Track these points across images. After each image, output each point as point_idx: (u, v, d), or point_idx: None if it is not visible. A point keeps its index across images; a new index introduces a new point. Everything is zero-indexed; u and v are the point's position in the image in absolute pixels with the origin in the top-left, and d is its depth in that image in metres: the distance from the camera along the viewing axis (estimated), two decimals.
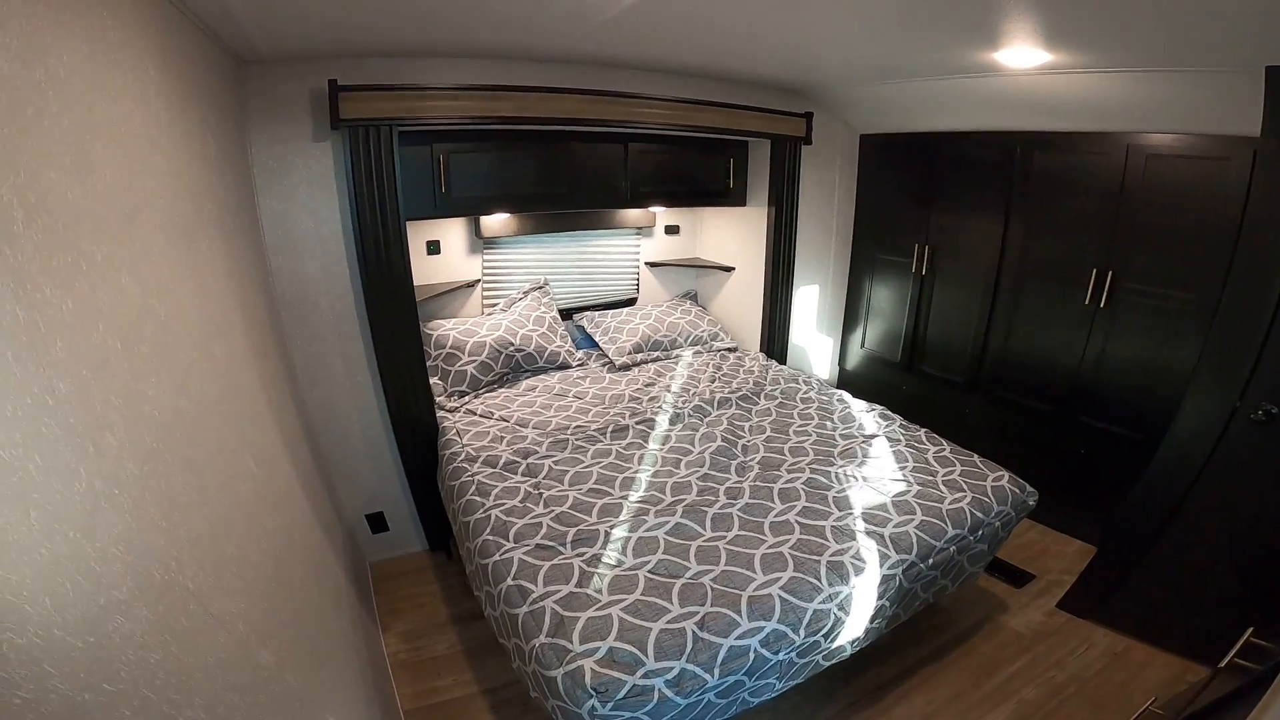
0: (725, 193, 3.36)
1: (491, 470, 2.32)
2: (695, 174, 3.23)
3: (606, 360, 3.29)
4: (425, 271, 3.06)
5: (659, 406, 2.79)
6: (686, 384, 3.05)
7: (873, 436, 2.57)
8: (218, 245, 1.63)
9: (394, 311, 2.41)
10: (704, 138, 3.08)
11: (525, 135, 2.66)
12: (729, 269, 3.67)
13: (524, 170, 2.73)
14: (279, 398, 2.01)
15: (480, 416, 2.73)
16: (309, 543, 1.87)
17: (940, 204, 3.27)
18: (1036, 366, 3.04)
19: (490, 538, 1.99)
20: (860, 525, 2.00)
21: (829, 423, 2.71)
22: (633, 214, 3.49)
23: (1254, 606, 2.08)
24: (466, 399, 2.87)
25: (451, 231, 3.09)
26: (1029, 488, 2.28)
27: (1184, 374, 2.48)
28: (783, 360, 3.58)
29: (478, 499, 2.17)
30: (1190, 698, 1.43)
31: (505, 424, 2.64)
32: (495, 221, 3.07)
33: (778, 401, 2.91)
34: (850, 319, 3.96)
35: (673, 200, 3.28)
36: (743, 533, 1.97)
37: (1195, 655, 2.28)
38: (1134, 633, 2.43)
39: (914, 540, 1.96)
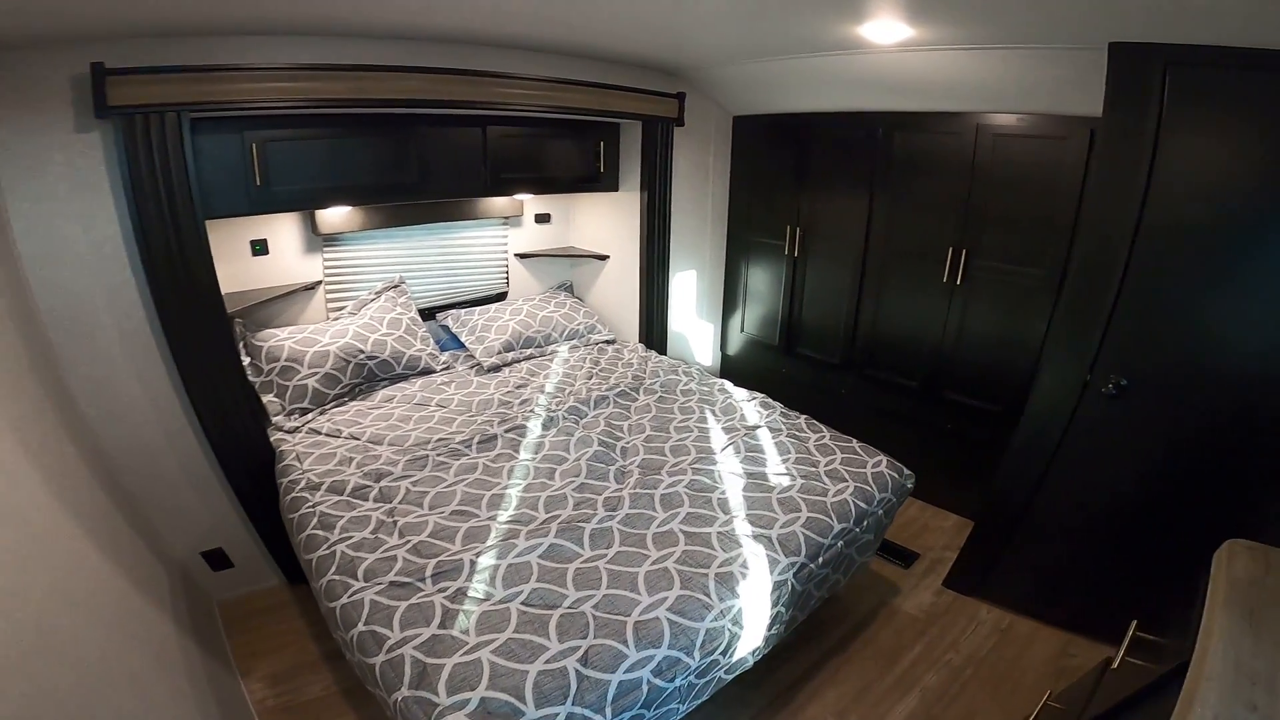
0: (596, 178, 3.22)
1: (337, 498, 2.06)
2: (563, 159, 3.06)
3: (474, 362, 3.06)
4: (250, 275, 2.70)
5: (531, 410, 2.61)
6: (561, 383, 2.90)
7: (755, 428, 2.53)
8: None
9: (198, 325, 2.07)
10: (571, 120, 2.91)
11: (365, 120, 2.38)
12: (604, 257, 3.54)
13: (364, 159, 2.44)
14: (43, 440, 1.65)
15: (326, 436, 2.43)
16: (103, 601, 1.58)
17: (810, 185, 3.30)
18: (903, 345, 3.14)
19: (337, 577, 1.75)
20: (746, 529, 1.95)
21: (710, 416, 2.65)
22: (498, 203, 3.26)
23: (1120, 580, 2.25)
24: (309, 417, 2.55)
25: (281, 229, 2.73)
26: (906, 470, 2.33)
27: (1036, 347, 2.65)
28: (663, 350, 3.50)
29: (320, 533, 1.91)
30: (1086, 695, 1.47)
31: (355, 443, 2.37)
32: (335, 216, 2.75)
33: (657, 396, 2.82)
34: (729, 303, 3.96)
35: (540, 187, 3.09)
36: (624, 549, 1.85)
37: (1075, 628, 2.43)
38: (1015, 608, 2.56)
39: (801, 540, 1.93)
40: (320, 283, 2.89)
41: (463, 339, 3.13)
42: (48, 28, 1.68)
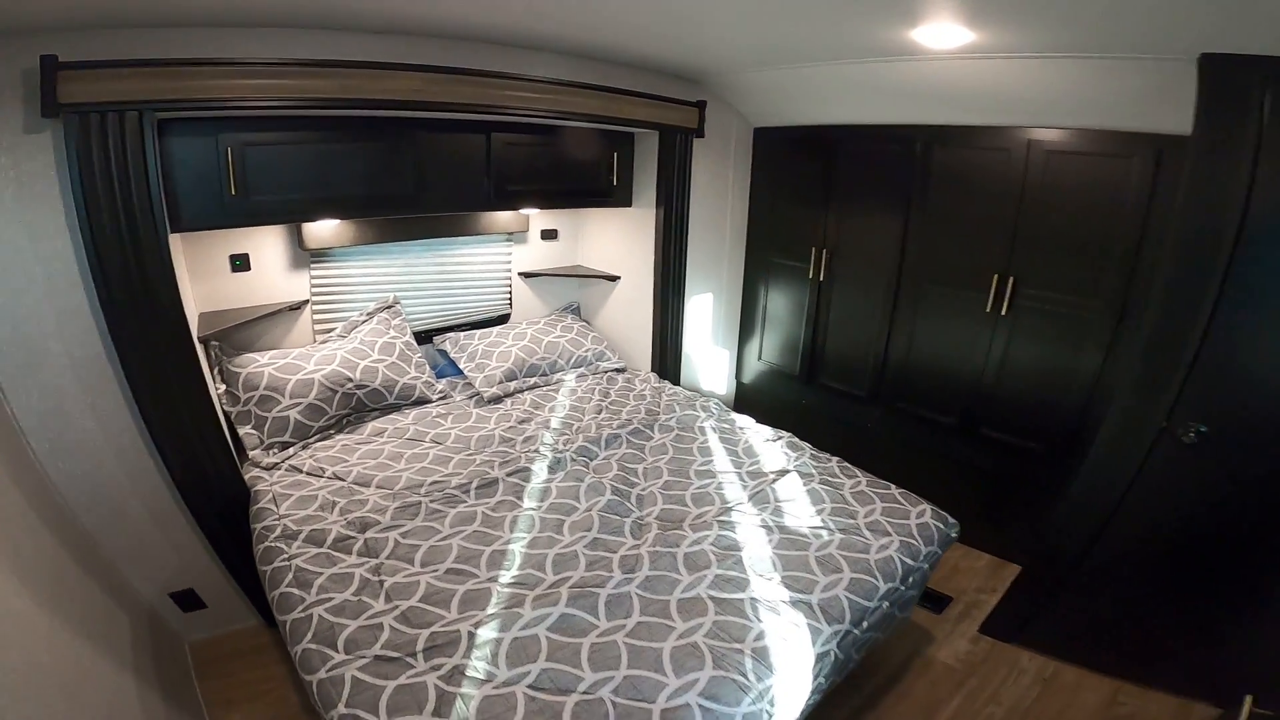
0: (608, 192, 3.00)
1: (316, 550, 1.82)
2: (574, 170, 2.85)
3: (474, 392, 2.83)
4: (229, 293, 2.48)
5: (536, 450, 2.37)
6: (569, 417, 2.66)
7: (783, 473, 2.30)
8: None
9: (159, 353, 1.84)
10: (583, 128, 2.69)
11: (356, 124, 2.18)
12: (614, 278, 3.32)
13: (355, 167, 2.23)
14: None
15: (307, 475, 2.19)
16: (44, 662, 1.40)
17: (838, 204, 3.09)
18: (939, 378, 2.92)
19: (314, 646, 1.52)
20: (783, 593, 1.72)
21: (733, 458, 2.42)
22: (502, 218, 3.05)
23: (1180, 627, 2.08)
24: (290, 452, 2.31)
25: (263, 243, 2.51)
26: (950, 519, 2.12)
27: (1088, 384, 2.45)
28: (676, 379, 3.28)
29: (295, 592, 1.67)
30: None
31: (339, 484, 2.13)
32: (323, 230, 2.53)
33: (674, 434, 2.58)
34: (746, 329, 3.74)
35: (547, 201, 2.88)
36: (646, 619, 1.62)
37: (1125, 675, 2.22)
38: (1060, 654, 2.34)
39: (845, 605, 1.71)
40: (307, 302, 2.66)
41: (461, 366, 2.90)
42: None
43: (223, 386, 2.35)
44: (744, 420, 2.72)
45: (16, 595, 1.43)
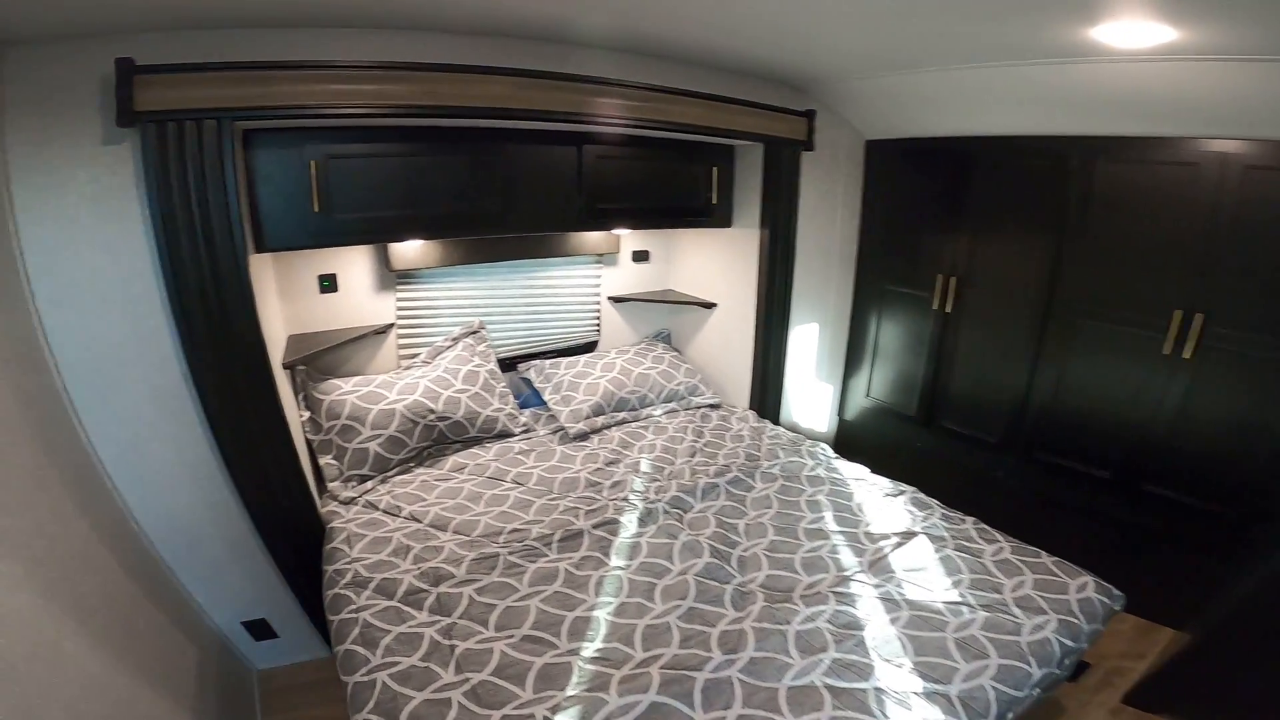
0: (707, 211, 2.78)
1: (386, 604, 1.68)
2: (670, 187, 2.65)
3: (558, 426, 2.66)
4: (317, 315, 2.44)
5: (625, 498, 2.16)
6: (660, 459, 2.44)
7: (909, 535, 1.99)
8: None
9: (234, 382, 1.76)
10: (682, 139, 2.49)
11: (440, 135, 2.06)
12: (709, 305, 3.09)
13: (439, 182, 2.11)
14: (38, 525, 1.36)
15: (384, 514, 2.08)
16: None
17: (971, 226, 2.75)
18: (1093, 425, 2.51)
19: (373, 718, 1.35)
20: (915, 683, 1.44)
21: (848, 515, 2.12)
22: (593, 238, 2.89)
23: None
24: (369, 485, 2.21)
25: (352, 263, 2.45)
26: (1116, 592, 1.77)
27: None
28: (776, 418, 2.99)
29: (360, 651, 1.53)
30: None
31: (415, 526, 2.00)
32: (409, 250, 2.44)
33: (778, 484, 2.31)
34: (853, 362, 3.41)
35: (641, 220, 2.69)
36: (750, 711, 1.38)
37: None
38: None
39: (991, 698, 1.41)
40: (392, 326, 2.58)
41: (546, 397, 2.75)
42: (68, 18, 1.43)
43: (306, 414, 2.29)
44: (857, 470, 2.41)
45: (73, 639, 1.37)
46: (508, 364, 2.90)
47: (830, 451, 2.56)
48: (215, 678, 2.01)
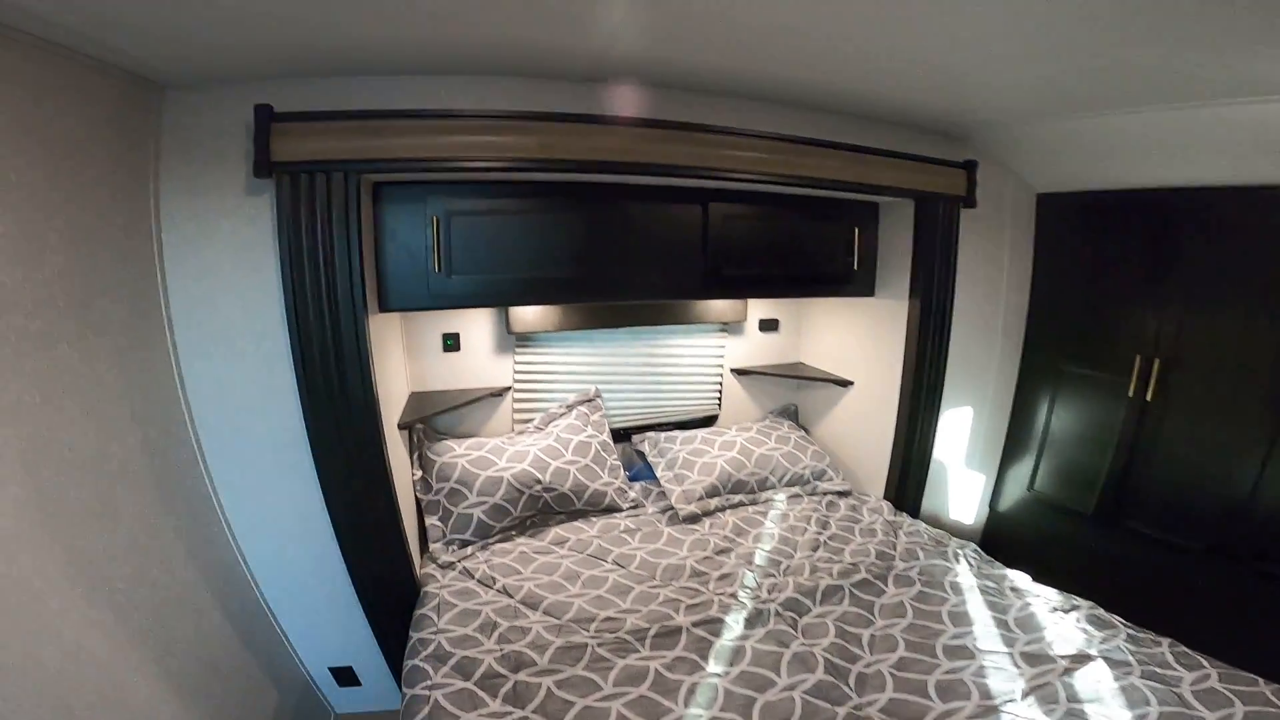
0: (847, 278, 2.55)
1: (461, 685, 1.57)
2: (805, 250, 2.45)
3: (668, 505, 2.49)
4: (438, 373, 2.51)
5: (733, 593, 1.93)
6: (777, 552, 2.18)
7: (1082, 658, 1.58)
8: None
9: (345, 440, 1.78)
10: (819, 196, 2.31)
11: (556, 190, 2.03)
12: (845, 383, 2.82)
13: (555, 242, 2.05)
14: (139, 571, 1.42)
15: (478, 583, 2.01)
16: None
17: (1180, 297, 2.29)
18: None
19: None
20: None
21: (1003, 632, 1.73)
22: (718, 304, 2.78)
23: None
24: (468, 551, 2.17)
25: (474, 322, 2.51)
26: None
27: None
28: (916, 510, 2.62)
29: None
30: None
31: (506, 602, 1.90)
32: (529, 313, 2.46)
33: (915, 590, 1.96)
34: (1014, 450, 2.94)
35: (772, 289, 2.52)
36: None
37: None
38: None
39: None
40: (509, 389, 2.59)
41: (659, 474, 2.60)
42: (219, 63, 1.55)
43: (419, 473, 2.31)
44: (1018, 578, 2.00)
45: (150, 680, 1.39)
46: (622, 434, 2.81)
47: (982, 554, 2.16)
48: (293, 714, 2.09)
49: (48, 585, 1.23)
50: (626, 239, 2.14)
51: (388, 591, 1.99)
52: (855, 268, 2.53)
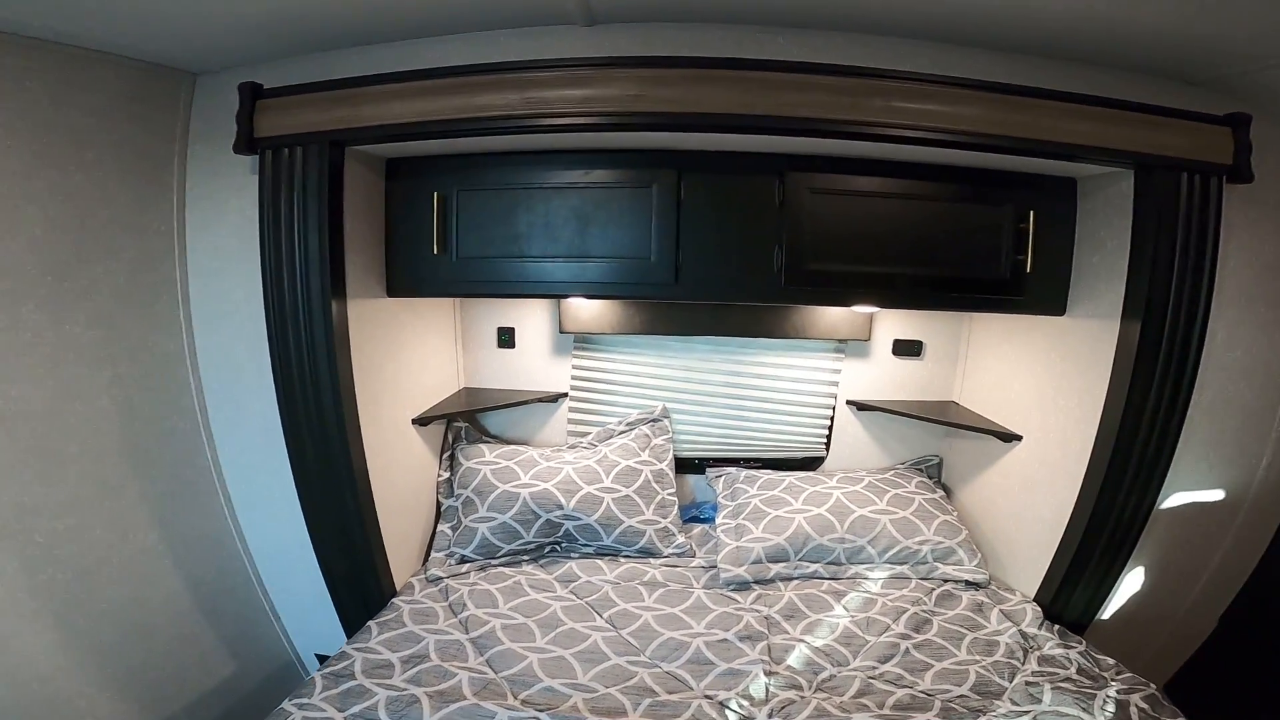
0: (1014, 284, 1.80)
1: (330, 715, 1.34)
2: (945, 241, 1.77)
3: (712, 566, 2.00)
4: (491, 371, 2.38)
5: (722, 702, 1.42)
6: (825, 653, 1.59)
7: None
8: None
9: (313, 431, 1.68)
10: (964, 166, 1.70)
11: (560, 161, 1.72)
12: (1010, 437, 2.03)
13: (568, 222, 1.72)
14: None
15: (447, 607, 1.79)
16: None
17: None
18: None
19: None
20: None
21: None
22: (830, 317, 2.21)
23: None
24: (464, 570, 1.97)
25: (530, 315, 2.30)
26: None
27: None
28: (1084, 626, 1.78)
29: None
30: None
31: (457, 636, 1.64)
32: (582, 311, 2.19)
33: None
34: None
35: (887, 293, 1.83)
36: None
37: None
38: None
39: None
40: (565, 396, 2.34)
41: (718, 520, 2.12)
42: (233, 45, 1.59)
43: (445, 474, 2.18)
44: None
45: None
46: (695, 464, 2.37)
47: (1161, 703, 1.33)
48: (265, 692, 2.07)
49: None
50: (666, 218, 1.70)
51: (357, 593, 1.86)
52: (1029, 270, 1.79)
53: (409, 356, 2.03)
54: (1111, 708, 1.34)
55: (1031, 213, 1.77)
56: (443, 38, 1.66)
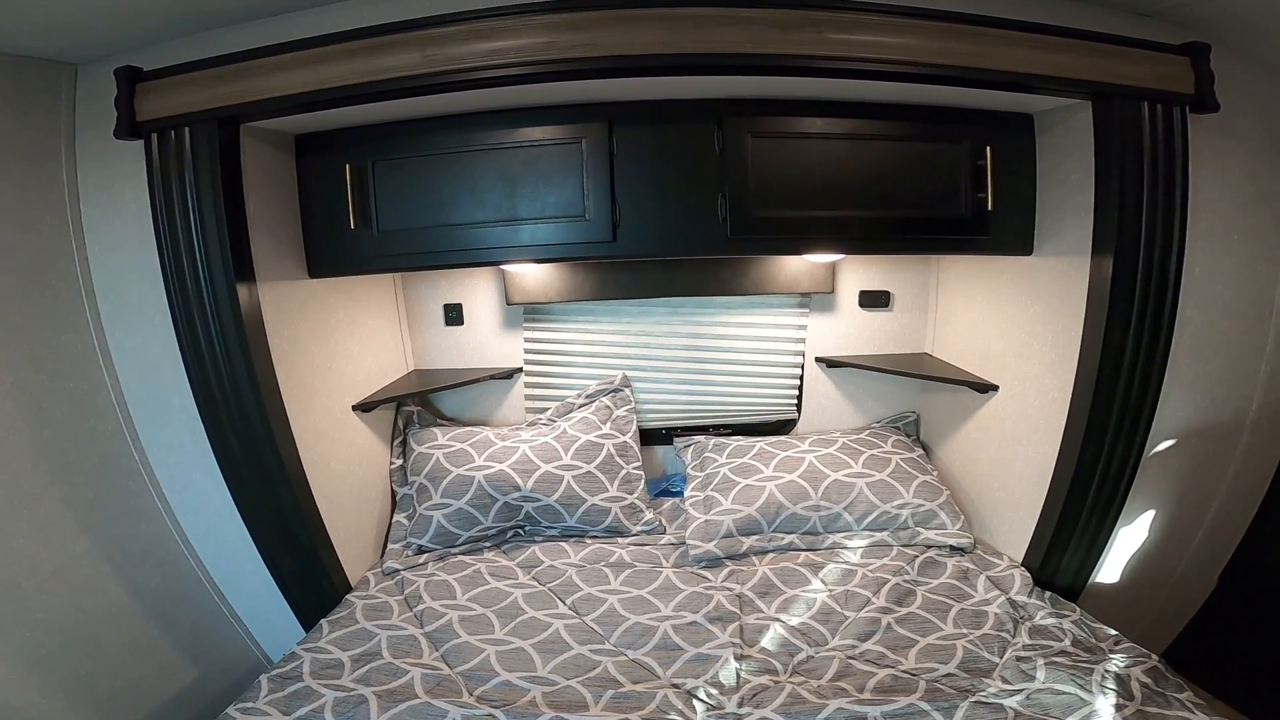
0: (976, 225, 1.76)
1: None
2: (896, 180, 1.71)
3: (682, 543, 1.98)
4: (440, 350, 2.33)
5: (690, 691, 1.40)
6: (801, 632, 1.57)
7: None
8: None
9: (234, 428, 1.64)
10: (913, 104, 1.65)
11: (472, 124, 1.66)
12: (985, 387, 2.00)
13: (493, 184, 1.66)
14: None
15: (403, 601, 1.77)
16: None
17: None
18: None
19: None
20: None
21: None
22: (790, 269, 2.15)
23: None
24: (421, 561, 1.94)
25: (477, 291, 2.25)
26: None
27: None
28: (1076, 593, 1.78)
29: None
30: None
31: (410, 632, 1.62)
32: (527, 278, 2.12)
33: None
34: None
35: (839, 237, 1.77)
36: None
37: None
38: None
39: None
40: (520, 371, 2.29)
41: (686, 493, 2.10)
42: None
43: (398, 461, 2.15)
44: None
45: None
46: (660, 435, 2.34)
47: (1165, 674, 1.33)
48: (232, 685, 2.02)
49: None
50: (599, 173, 1.63)
51: (309, 591, 1.82)
52: (991, 209, 1.74)
53: (343, 340, 1.97)
54: (1111, 684, 1.31)
55: (988, 149, 1.71)
56: (340, 4, 1.56)
